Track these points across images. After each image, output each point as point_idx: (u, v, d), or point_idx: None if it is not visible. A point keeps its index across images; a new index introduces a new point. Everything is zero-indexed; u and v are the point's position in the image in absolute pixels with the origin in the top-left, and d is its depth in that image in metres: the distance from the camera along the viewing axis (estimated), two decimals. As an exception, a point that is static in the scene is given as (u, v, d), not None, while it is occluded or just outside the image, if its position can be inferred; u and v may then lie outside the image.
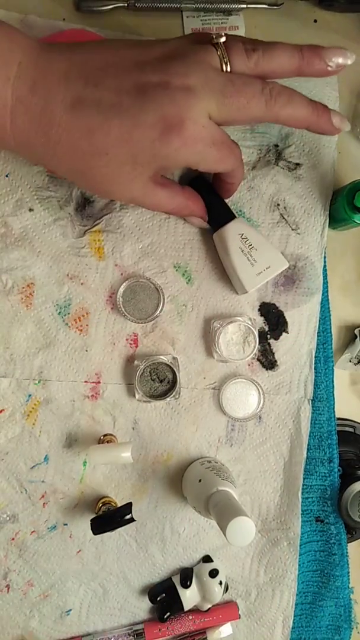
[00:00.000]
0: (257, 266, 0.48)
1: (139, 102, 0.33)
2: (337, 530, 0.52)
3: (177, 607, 0.48)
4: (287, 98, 0.36)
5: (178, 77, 0.33)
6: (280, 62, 0.36)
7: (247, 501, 0.51)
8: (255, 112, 0.35)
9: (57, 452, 0.48)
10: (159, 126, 0.33)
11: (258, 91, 0.35)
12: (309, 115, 0.38)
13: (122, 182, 0.36)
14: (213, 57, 0.35)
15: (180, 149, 0.34)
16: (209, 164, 0.37)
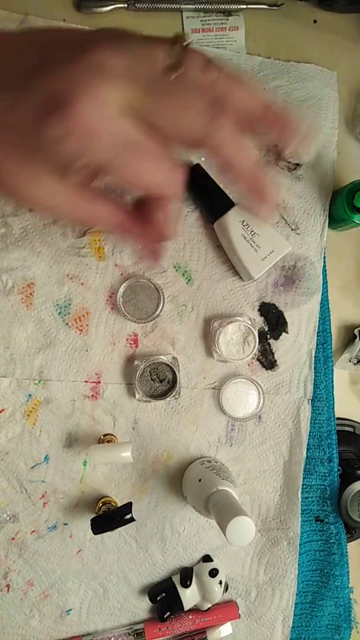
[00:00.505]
0: (260, 251, 0.48)
1: (31, 76, 0.24)
2: (337, 530, 0.52)
3: (177, 606, 0.48)
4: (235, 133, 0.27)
5: (98, 53, 0.24)
6: (241, 96, 0.28)
7: (247, 501, 0.51)
8: (192, 124, 0.26)
9: (57, 452, 0.48)
10: (42, 105, 0.23)
11: (207, 101, 0.26)
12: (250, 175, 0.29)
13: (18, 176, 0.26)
14: (162, 53, 0.26)
15: (69, 139, 0.24)
16: (120, 173, 0.26)
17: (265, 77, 0.54)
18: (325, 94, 0.55)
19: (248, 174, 0.29)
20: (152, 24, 0.53)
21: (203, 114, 0.26)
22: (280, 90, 0.54)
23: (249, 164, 0.29)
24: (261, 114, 0.29)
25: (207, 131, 0.26)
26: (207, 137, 0.26)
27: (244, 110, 0.28)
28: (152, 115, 0.26)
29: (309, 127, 0.30)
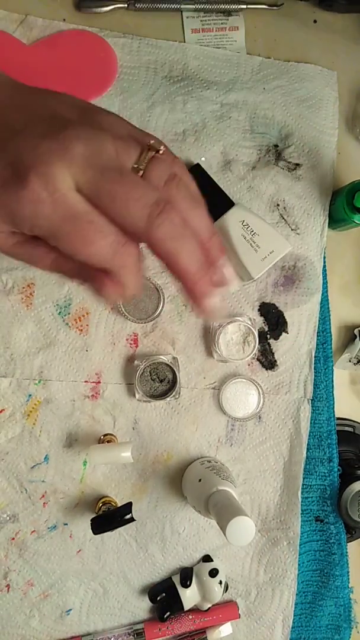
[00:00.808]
0: (260, 252, 0.48)
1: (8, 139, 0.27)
2: (337, 530, 0.52)
3: (177, 606, 0.48)
4: (178, 232, 0.27)
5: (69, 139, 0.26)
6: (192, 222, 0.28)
7: (247, 501, 0.51)
8: (131, 219, 0.27)
9: (57, 452, 0.48)
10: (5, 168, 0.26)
11: (148, 199, 0.26)
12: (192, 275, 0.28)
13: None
14: (128, 152, 0.27)
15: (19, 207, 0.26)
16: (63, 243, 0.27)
17: (265, 77, 0.54)
18: (325, 94, 0.55)
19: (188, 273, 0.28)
20: (152, 24, 0.53)
21: (144, 209, 0.27)
22: (280, 90, 0.54)
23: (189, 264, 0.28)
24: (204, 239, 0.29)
25: (142, 224, 0.27)
26: (143, 231, 0.27)
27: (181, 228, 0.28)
28: (97, 194, 0.27)
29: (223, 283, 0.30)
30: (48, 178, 0.26)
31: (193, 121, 0.52)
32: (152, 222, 0.27)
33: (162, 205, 0.27)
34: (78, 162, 0.26)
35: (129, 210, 0.27)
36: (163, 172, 0.28)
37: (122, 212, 0.27)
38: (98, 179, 0.26)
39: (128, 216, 0.27)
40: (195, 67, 0.53)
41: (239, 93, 0.53)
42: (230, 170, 0.52)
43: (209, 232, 0.29)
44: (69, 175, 0.26)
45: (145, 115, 0.51)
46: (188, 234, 0.28)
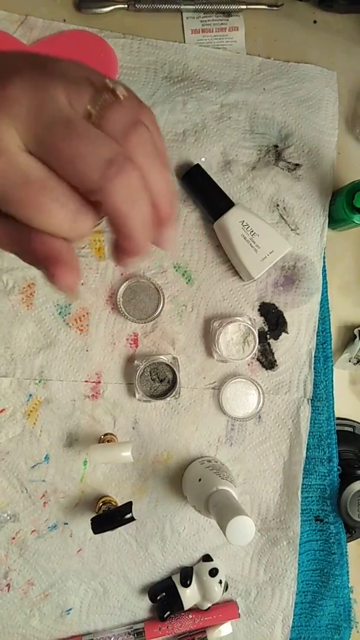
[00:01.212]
0: (260, 252, 0.48)
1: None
2: (337, 530, 0.52)
3: (177, 606, 0.48)
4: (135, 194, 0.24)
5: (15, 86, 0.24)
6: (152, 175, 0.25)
7: (247, 500, 0.51)
8: (82, 178, 0.24)
9: (57, 452, 0.48)
10: None
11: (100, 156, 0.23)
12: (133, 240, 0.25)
13: None
14: (81, 96, 0.24)
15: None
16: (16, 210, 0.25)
17: (265, 78, 0.55)
18: (325, 94, 0.55)
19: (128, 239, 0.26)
20: (152, 24, 0.53)
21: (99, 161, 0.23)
22: (280, 91, 0.54)
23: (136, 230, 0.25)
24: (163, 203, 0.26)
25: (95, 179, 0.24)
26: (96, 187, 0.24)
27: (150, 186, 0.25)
28: (49, 157, 0.24)
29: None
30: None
31: (193, 121, 0.52)
32: (104, 181, 0.23)
33: (118, 162, 0.23)
34: (23, 117, 0.23)
35: (77, 169, 0.23)
36: (122, 118, 0.24)
37: (70, 171, 0.24)
38: (45, 134, 0.23)
39: (77, 175, 0.24)
40: (195, 67, 0.53)
41: (239, 93, 0.53)
42: (230, 170, 0.52)
43: (166, 195, 0.26)
44: (15, 132, 0.23)
45: (145, 115, 0.51)
46: (143, 198, 0.25)
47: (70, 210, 0.25)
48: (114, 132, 0.24)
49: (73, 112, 0.24)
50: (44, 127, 0.23)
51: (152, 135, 0.25)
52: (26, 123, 0.23)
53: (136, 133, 0.24)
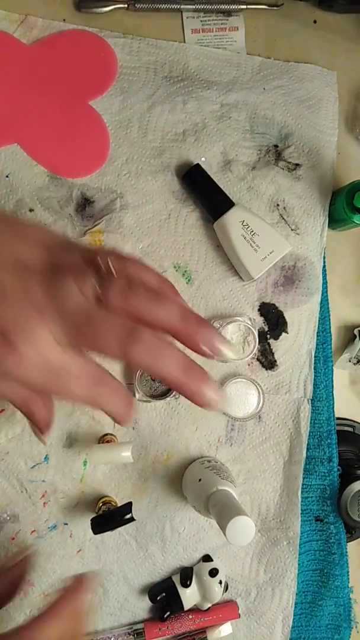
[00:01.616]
0: (260, 252, 0.48)
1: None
2: (337, 530, 0.52)
3: (177, 606, 0.48)
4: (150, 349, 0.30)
5: (39, 292, 0.29)
6: (159, 315, 0.31)
7: (247, 500, 0.51)
8: (109, 353, 0.30)
9: (57, 452, 0.48)
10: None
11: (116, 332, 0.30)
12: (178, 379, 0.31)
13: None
14: (87, 285, 0.30)
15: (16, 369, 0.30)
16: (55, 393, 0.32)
17: (265, 77, 0.54)
18: (325, 94, 0.55)
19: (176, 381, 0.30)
20: (152, 24, 0.53)
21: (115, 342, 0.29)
22: (280, 91, 0.54)
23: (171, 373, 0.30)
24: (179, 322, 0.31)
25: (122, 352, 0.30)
26: (124, 356, 0.30)
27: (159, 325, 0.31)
28: (77, 343, 0.30)
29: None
30: (32, 340, 0.29)
31: (193, 121, 0.52)
32: (126, 352, 0.29)
33: (132, 333, 0.30)
34: (53, 319, 0.29)
35: (103, 348, 0.30)
36: (117, 290, 0.30)
37: (97, 349, 0.30)
38: (71, 329, 0.30)
39: (103, 351, 0.30)
40: (195, 67, 0.53)
41: (239, 93, 0.53)
42: (230, 170, 0.52)
43: (182, 318, 0.31)
44: (49, 332, 0.29)
45: (145, 115, 0.51)
46: (162, 347, 0.30)
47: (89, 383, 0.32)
48: (117, 302, 0.30)
49: (88, 303, 0.30)
50: (70, 323, 0.29)
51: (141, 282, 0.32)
52: (59, 328, 0.29)
53: (131, 294, 0.30)
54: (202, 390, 0.31)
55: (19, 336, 0.29)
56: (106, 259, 0.31)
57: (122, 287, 0.31)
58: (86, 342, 0.30)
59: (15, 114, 0.49)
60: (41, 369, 0.30)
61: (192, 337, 0.31)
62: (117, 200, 0.50)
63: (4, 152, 0.49)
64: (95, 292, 0.30)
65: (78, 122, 0.50)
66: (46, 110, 0.50)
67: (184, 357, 0.31)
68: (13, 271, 0.30)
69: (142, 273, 0.33)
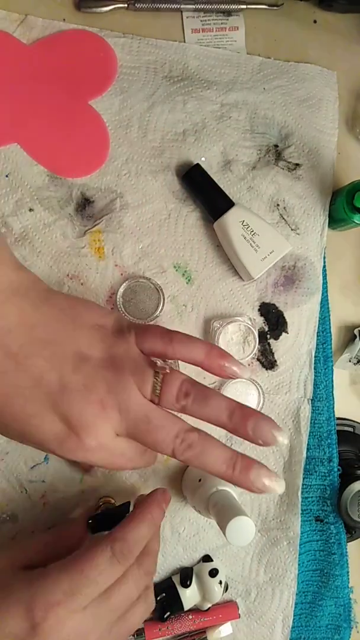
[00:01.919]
0: (260, 252, 0.48)
1: (56, 395, 0.32)
2: (337, 530, 0.52)
3: (177, 606, 0.48)
4: (199, 451, 0.34)
5: (103, 390, 0.33)
6: (208, 413, 0.35)
7: (247, 501, 0.51)
8: (160, 452, 0.34)
9: (57, 452, 0.48)
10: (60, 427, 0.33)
11: (170, 437, 0.34)
12: (223, 472, 0.34)
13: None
14: (146, 383, 0.34)
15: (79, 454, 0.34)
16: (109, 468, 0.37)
17: (265, 77, 0.54)
18: (325, 94, 0.55)
19: (222, 476, 0.34)
20: (152, 24, 0.53)
21: (168, 445, 0.34)
22: (280, 90, 0.54)
23: (219, 468, 0.34)
24: (227, 420, 0.35)
25: (172, 455, 0.34)
26: (175, 457, 0.34)
27: (208, 420, 0.35)
28: (134, 437, 0.34)
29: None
30: (95, 434, 0.33)
31: (193, 121, 0.52)
32: (176, 454, 0.34)
33: (181, 437, 0.34)
34: (117, 419, 0.33)
35: (156, 447, 0.34)
36: (173, 389, 0.35)
37: (151, 446, 0.34)
38: (132, 429, 0.34)
39: (156, 449, 0.34)
40: (195, 67, 0.53)
41: (239, 93, 0.53)
42: (230, 170, 0.52)
43: (229, 415, 0.35)
44: (110, 427, 0.33)
45: (145, 115, 0.51)
46: (207, 447, 0.34)
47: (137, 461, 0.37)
48: (171, 405, 0.35)
49: (147, 405, 0.34)
50: (130, 421, 0.33)
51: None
52: (119, 423, 0.33)
53: (186, 399, 0.35)
54: (252, 480, 0.34)
55: (84, 430, 0.32)
56: (164, 362, 0.36)
57: (176, 392, 0.35)
58: (142, 441, 0.34)
59: (15, 114, 0.49)
60: (100, 454, 0.34)
61: (241, 430, 0.35)
62: (117, 200, 0.50)
63: (4, 152, 0.49)
64: (154, 391, 0.34)
65: (78, 122, 0.50)
66: (46, 110, 0.50)
67: (229, 452, 0.35)
68: (76, 366, 0.33)
69: (191, 350, 0.36)
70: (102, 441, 0.33)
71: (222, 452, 0.34)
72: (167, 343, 0.36)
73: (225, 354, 0.37)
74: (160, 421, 0.34)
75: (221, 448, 0.35)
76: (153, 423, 0.33)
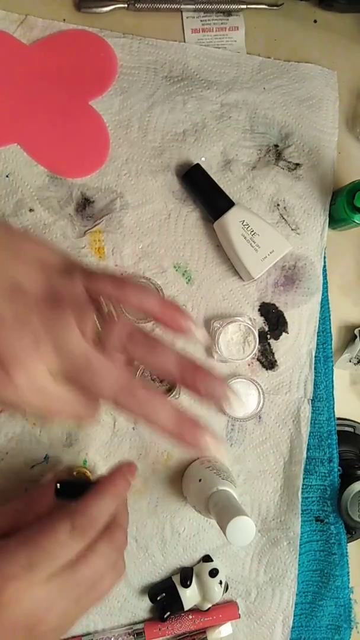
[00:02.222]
0: (260, 251, 0.48)
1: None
2: (337, 530, 0.52)
3: (177, 606, 0.48)
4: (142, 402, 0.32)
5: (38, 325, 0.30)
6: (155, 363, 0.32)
7: (247, 501, 0.51)
8: (101, 394, 0.32)
9: (57, 452, 0.48)
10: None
11: (110, 383, 0.31)
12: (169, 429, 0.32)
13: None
14: (88, 322, 0.31)
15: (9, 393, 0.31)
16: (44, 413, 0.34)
17: (265, 77, 0.54)
18: (326, 93, 0.55)
19: (167, 433, 0.32)
20: (152, 24, 0.53)
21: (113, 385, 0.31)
22: (280, 90, 0.54)
23: (162, 424, 0.32)
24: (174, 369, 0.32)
25: (115, 403, 0.31)
26: (116, 406, 0.31)
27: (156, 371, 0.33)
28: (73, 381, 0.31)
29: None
30: (25, 370, 0.30)
31: (193, 121, 0.52)
32: (118, 402, 0.31)
33: (124, 386, 0.31)
34: (52, 357, 0.30)
35: (96, 393, 0.31)
36: (116, 338, 0.32)
37: (90, 392, 0.32)
38: (67, 368, 0.31)
39: (97, 395, 0.32)
40: (195, 67, 0.53)
41: (239, 93, 0.53)
42: (230, 170, 0.52)
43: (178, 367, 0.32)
44: (43, 365, 0.30)
45: (145, 115, 0.51)
46: (154, 403, 0.32)
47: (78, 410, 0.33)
48: (115, 350, 0.31)
49: (87, 347, 0.31)
50: (67, 362, 0.30)
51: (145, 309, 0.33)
52: (54, 362, 0.30)
53: (132, 345, 0.32)
54: (197, 440, 0.32)
55: (13, 366, 0.29)
56: (108, 303, 0.33)
57: (121, 335, 0.32)
58: (80, 384, 0.31)
59: (15, 114, 0.49)
60: (35, 397, 0.31)
61: (191, 383, 0.32)
62: (117, 200, 0.50)
63: (4, 152, 0.49)
64: (94, 332, 0.31)
65: (78, 122, 0.50)
66: (46, 110, 0.50)
67: (174, 410, 0.32)
68: (10, 297, 0.30)
69: (143, 298, 0.33)
70: (35, 380, 0.30)
71: (168, 407, 0.32)
72: (119, 286, 0.32)
73: (179, 308, 0.34)
74: (101, 363, 0.31)
75: (167, 403, 0.32)
76: (93, 365, 0.31)
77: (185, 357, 0.32)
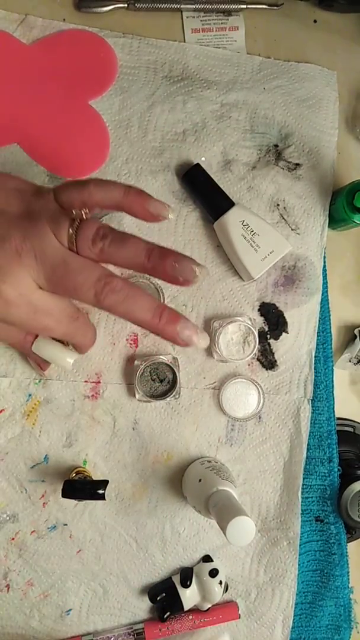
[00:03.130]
0: (260, 251, 0.48)
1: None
2: (337, 530, 0.52)
3: (177, 606, 0.48)
4: (123, 296, 0.33)
5: (18, 238, 0.33)
6: (126, 255, 0.34)
7: (247, 501, 0.51)
8: (84, 299, 0.33)
9: (57, 452, 0.48)
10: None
11: (91, 281, 0.33)
12: (149, 321, 0.34)
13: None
14: (62, 229, 0.33)
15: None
16: (37, 330, 0.37)
17: (265, 77, 0.54)
18: (325, 93, 0.55)
19: (148, 325, 0.34)
20: (152, 24, 0.53)
21: (89, 291, 0.33)
22: (280, 90, 0.54)
23: (145, 315, 0.33)
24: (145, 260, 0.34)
25: (93, 303, 0.33)
26: (97, 306, 0.33)
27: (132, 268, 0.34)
28: (55, 290, 0.34)
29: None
30: (12, 282, 0.32)
31: (193, 121, 0.52)
32: (99, 299, 0.33)
33: (103, 281, 0.33)
34: (31, 263, 0.33)
35: (78, 295, 0.33)
36: (89, 232, 0.34)
37: (73, 296, 0.34)
38: (49, 275, 0.33)
39: (79, 298, 0.33)
40: (195, 67, 0.53)
41: (239, 93, 0.53)
42: (230, 170, 0.52)
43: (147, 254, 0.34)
44: (31, 279, 0.33)
45: (145, 115, 0.51)
46: (134, 295, 0.33)
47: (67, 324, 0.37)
48: (88, 249, 0.33)
49: (65, 250, 0.33)
50: (48, 268, 0.33)
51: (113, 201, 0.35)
52: (37, 271, 0.33)
53: (103, 242, 0.34)
54: (177, 331, 0.33)
55: (0, 279, 0.32)
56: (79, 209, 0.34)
57: (91, 231, 0.34)
58: (63, 288, 0.33)
59: (15, 114, 0.49)
60: (22, 308, 0.33)
61: (160, 268, 0.33)
62: (117, 200, 0.50)
63: (4, 152, 0.49)
64: (70, 237, 0.33)
65: (78, 121, 0.50)
66: (46, 110, 0.50)
67: (155, 302, 0.34)
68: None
69: (107, 192, 0.34)
70: (22, 291, 0.33)
71: (149, 301, 0.33)
72: (83, 188, 0.34)
73: (144, 193, 0.35)
74: (80, 264, 0.33)
75: (148, 296, 0.34)
76: (71, 266, 0.33)
77: (155, 245, 0.34)
